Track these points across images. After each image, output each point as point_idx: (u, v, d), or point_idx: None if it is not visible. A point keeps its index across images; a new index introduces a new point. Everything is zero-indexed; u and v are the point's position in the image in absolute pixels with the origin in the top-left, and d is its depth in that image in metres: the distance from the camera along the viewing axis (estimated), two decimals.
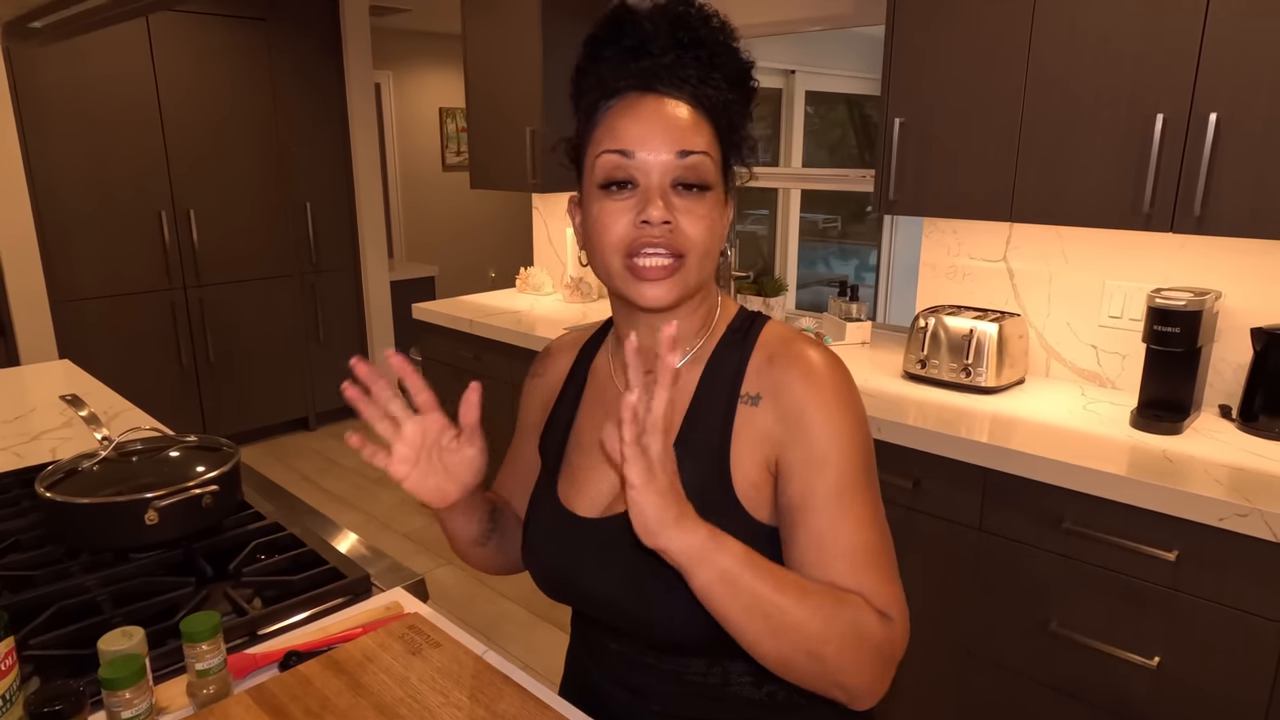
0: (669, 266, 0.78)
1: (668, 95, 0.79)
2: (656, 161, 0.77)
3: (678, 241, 0.78)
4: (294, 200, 4.22)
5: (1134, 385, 1.99)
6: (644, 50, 0.80)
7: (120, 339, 3.76)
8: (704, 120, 0.80)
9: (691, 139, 0.78)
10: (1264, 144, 1.51)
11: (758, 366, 0.84)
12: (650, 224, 0.76)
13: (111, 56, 3.54)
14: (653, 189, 0.77)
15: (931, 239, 2.36)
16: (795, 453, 0.78)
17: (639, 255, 0.78)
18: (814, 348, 0.83)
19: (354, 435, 0.78)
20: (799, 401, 0.79)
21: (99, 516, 1.16)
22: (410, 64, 5.94)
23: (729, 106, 0.82)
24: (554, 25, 2.85)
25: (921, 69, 1.95)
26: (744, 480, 0.80)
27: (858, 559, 0.75)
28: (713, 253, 0.81)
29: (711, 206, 0.79)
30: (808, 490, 0.77)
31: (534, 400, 1.03)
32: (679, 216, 0.77)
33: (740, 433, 0.81)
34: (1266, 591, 1.39)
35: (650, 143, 0.77)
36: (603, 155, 0.78)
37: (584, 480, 0.90)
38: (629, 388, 0.67)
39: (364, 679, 0.89)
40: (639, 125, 0.78)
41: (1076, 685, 1.64)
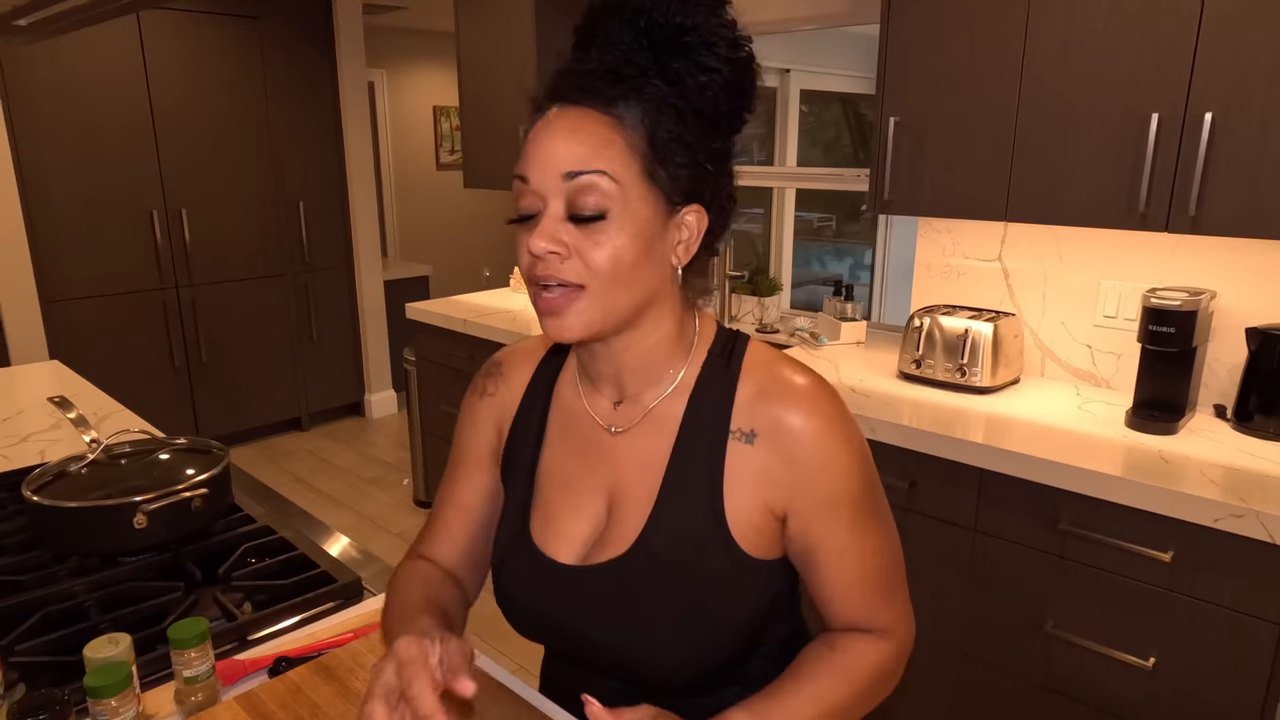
0: (562, 298, 0.71)
1: (581, 104, 0.72)
2: (546, 187, 0.71)
3: (569, 272, 0.71)
4: (286, 199, 4.20)
5: (1129, 385, 1.99)
6: (603, 42, 0.74)
7: (111, 339, 3.74)
8: (617, 129, 0.71)
9: (585, 157, 0.70)
10: (1259, 144, 1.51)
11: (747, 400, 0.78)
12: (534, 255, 0.71)
13: (102, 55, 3.51)
14: (544, 217, 0.71)
15: (926, 238, 2.35)
16: (805, 499, 0.77)
17: (539, 286, 0.73)
18: (802, 375, 0.79)
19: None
20: (804, 445, 0.76)
21: (87, 520, 1.15)
22: (404, 62, 5.91)
23: (676, 104, 0.72)
24: (547, 23, 2.84)
25: (916, 68, 1.95)
26: (742, 521, 0.77)
27: (873, 594, 0.82)
28: (631, 278, 0.72)
29: (616, 229, 0.70)
30: (823, 534, 0.78)
31: (485, 423, 0.92)
32: (575, 243, 0.71)
33: (734, 470, 0.77)
34: (1262, 592, 1.39)
35: (540, 166, 0.71)
36: (514, 180, 0.74)
37: (558, 519, 0.84)
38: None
39: (355, 685, 0.88)
40: (535, 145, 0.72)
41: (1072, 686, 1.64)
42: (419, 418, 3.38)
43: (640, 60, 0.72)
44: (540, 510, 0.86)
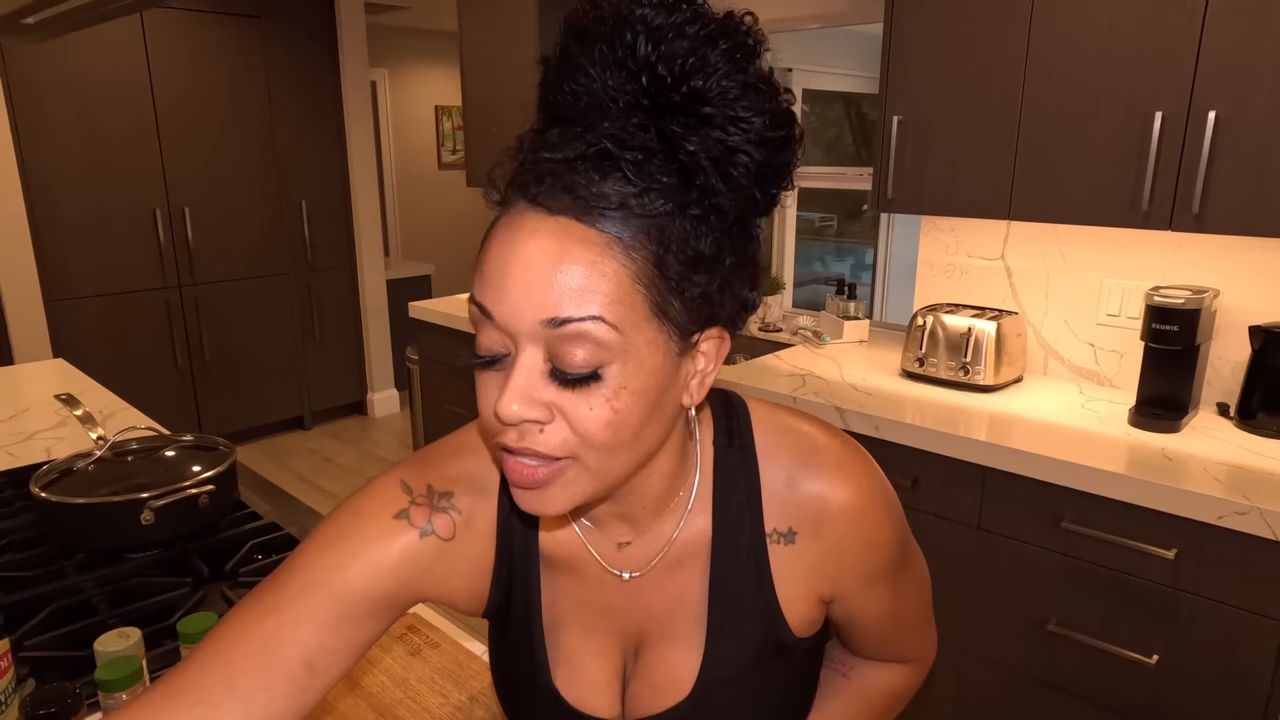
0: (544, 472, 0.53)
1: (560, 214, 0.50)
2: (519, 329, 0.51)
3: (552, 444, 0.52)
4: (289, 198, 4.21)
5: (1132, 383, 1.99)
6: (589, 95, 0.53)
7: (115, 338, 3.75)
8: (620, 253, 0.50)
9: (572, 297, 0.49)
10: (1262, 142, 1.51)
11: (777, 494, 0.66)
12: (504, 422, 0.52)
13: (105, 53, 3.52)
14: (516, 369, 0.51)
15: (929, 237, 2.36)
16: (849, 580, 0.70)
17: (509, 451, 0.54)
18: (823, 434, 0.68)
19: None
20: (845, 529, 0.67)
21: (94, 516, 1.15)
22: (406, 62, 5.92)
23: (694, 209, 0.52)
24: (551, 22, 2.84)
25: (920, 67, 1.95)
26: (800, 620, 0.70)
27: (905, 637, 0.80)
28: (630, 442, 0.54)
29: (615, 388, 0.52)
30: (865, 605, 0.73)
31: (419, 569, 0.65)
32: (561, 405, 0.52)
33: (781, 576, 0.68)
34: (1265, 589, 1.39)
35: (509, 300, 0.50)
36: (470, 304, 0.54)
37: (580, 666, 0.71)
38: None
39: (363, 680, 0.88)
40: (500, 270, 0.51)
41: (1075, 683, 1.64)
42: (421, 417, 3.38)
43: (640, 138, 0.51)
44: (560, 660, 0.71)
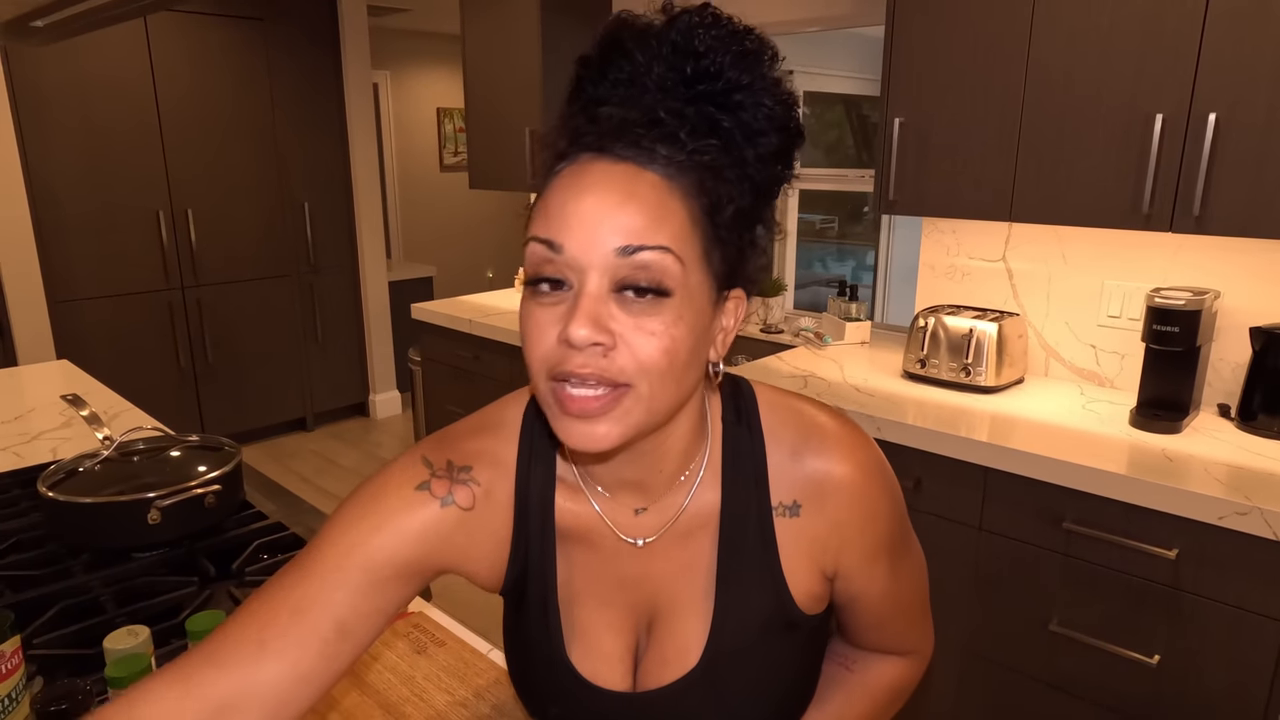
0: (603, 399, 0.57)
1: (627, 160, 0.57)
2: (591, 260, 0.56)
3: (615, 368, 0.56)
4: (292, 200, 4.22)
5: (1133, 384, 1.99)
6: (632, 84, 0.60)
7: (118, 339, 3.76)
8: (679, 195, 0.58)
9: (646, 228, 0.56)
10: (1263, 143, 1.52)
11: (782, 467, 0.70)
12: (573, 345, 0.56)
13: (109, 56, 3.53)
14: (584, 295, 0.56)
15: (931, 239, 2.36)
16: (851, 555, 0.73)
17: (566, 381, 0.57)
18: (825, 416, 0.72)
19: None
20: (847, 503, 0.70)
21: (102, 516, 1.16)
22: (408, 64, 5.93)
23: (728, 173, 0.60)
24: (553, 25, 2.86)
25: (921, 69, 1.96)
26: (805, 595, 0.73)
27: (905, 623, 0.82)
28: (677, 376, 0.59)
29: (674, 317, 0.57)
30: (866, 584, 0.75)
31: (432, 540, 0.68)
32: (623, 333, 0.56)
33: (787, 548, 0.71)
34: (1267, 589, 1.40)
35: (583, 233, 0.56)
36: (529, 243, 0.59)
37: (594, 639, 0.73)
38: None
39: (369, 677, 0.89)
40: (574, 205, 0.57)
41: (1077, 683, 1.65)
42: (424, 418, 3.39)
43: (687, 110, 0.59)
44: (575, 635, 0.74)
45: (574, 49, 0.66)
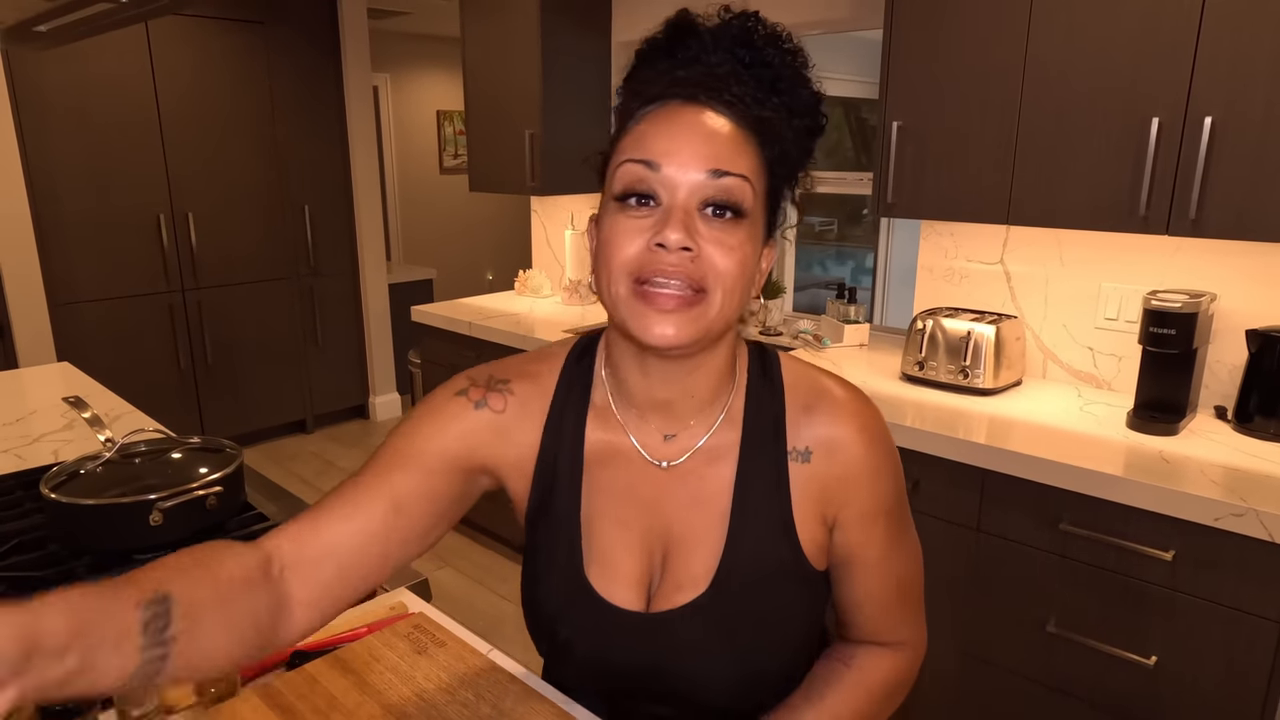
0: (685, 299, 0.66)
1: (712, 107, 0.68)
2: (685, 179, 0.66)
3: (699, 273, 0.66)
4: (292, 203, 4.23)
5: (1130, 387, 2.00)
6: (698, 61, 0.70)
7: (118, 341, 3.76)
8: (751, 142, 0.69)
9: (731, 159, 0.67)
10: (1259, 147, 1.53)
11: (797, 419, 0.78)
12: (667, 248, 0.65)
13: (110, 59, 3.54)
14: (676, 208, 0.66)
15: (929, 241, 2.37)
16: (852, 508, 0.79)
17: (650, 282, 0.66)
18: (841, 386, 0.80)
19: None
20: (853, 457, 0.77)
21: (104, 517, 1.16)
22: (408, 67, 5.95)
23: (784, 135, 0.72)
24: (553, 28, 2.86)
25: (920, 73, 1.97)
26: (809, 540, 0.78)
27: (900, 606, 0.85)
28: (741, 292, 0.69)
29: (745, 238, 0.68)
30: (863, 542, 0.80)
31: (468, 431, 0.79)
32: (704, 244, 0.66)
33: (796, 491, 0.77)
34: (1262, 590, 1.40)
35: (680, 156, 0.66)
36: (624, 164, 0.68)
37: (612, 560, 0.79)
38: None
39: (370, 678, 0.89)
40: (670, 136, 0.67)
41: (1074, 684, 1.65)
42: None
43: (749, 82, 0.70)
44: (594, 556, 0.79)
45: (573, 53, 0.79)
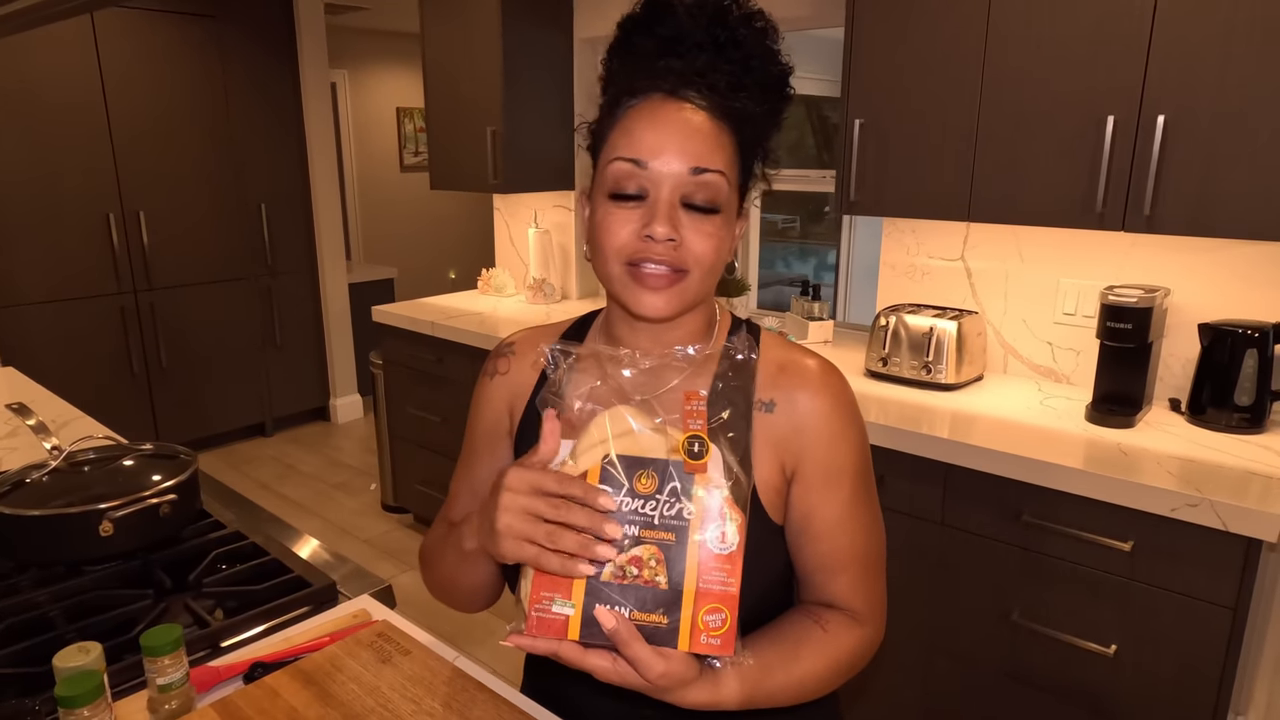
0: (670, 278, 0.77)
1: (691, 103, 0.77)
2: (669, 174, 0.75)
3: (681, 258, 0.77)
4: (248, 202, 4.13)
5: (1088, 380, 2.04)
6: (677, 44, 0.77)
7: (67, 345, 3.64)
8: (726, 133, 0.78)
9: (708, 155, 0.76)
10: (1208, 145, 1.56)
11: (768, 374, 0.85)
12: (654, 239, 0.75)
13: (53, 53, 3.43)
14: (661, 203, 0.76)
15: (891, 239, 2.39)
16: (811, 464, 0.83)
17: (640, 264, 0.77)
18: (816, 357, 0.87)
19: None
20: (815, 417, 0.83)
21: (50, 529, 1.12)
22: (366, 63, 5.85)
23: (756, 118, 0.80)
24: (514, 25, 2.83)
25: (881, 71, 1.98)
26: (765, 485, 0.83)
27: (858, 574, 0.86)
28: (717, 269, 0.80)
29: (721, 223, 0.78)
30: (822, 501, 0.84)
31: (498, 403, 0.96)
32: (685, 233, 0.76)
33: (758, 437, 0.83)
34: (1216, 578, 1.44)
35: (665, 155, 0.75)
36: (615, 162, 0.77)
37: None
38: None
39: (333, 689, 0.87)
40: (655, 134, 0.76)
41: (1038, 674, 1.68)
42: (386, 422, 3.34)
43: (724, 70, 0.77)
44: None
45: (535, 49, 0.83)
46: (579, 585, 0.65)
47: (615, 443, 0.67)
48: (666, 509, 0.66)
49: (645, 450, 0.67)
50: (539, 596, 0.65)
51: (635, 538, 0.65)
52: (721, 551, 0.66)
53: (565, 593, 0.65)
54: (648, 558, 0.65)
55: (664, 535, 0.65)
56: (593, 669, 0.67)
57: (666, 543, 0.65)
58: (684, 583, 0.65)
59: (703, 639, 0.65)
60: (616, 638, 0.65)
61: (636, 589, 0.65)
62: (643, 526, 0.65)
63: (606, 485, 0.66)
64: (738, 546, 0.66)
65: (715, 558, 0.65)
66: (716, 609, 0.65)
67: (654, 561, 0.65)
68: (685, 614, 0.65)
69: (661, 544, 0.65)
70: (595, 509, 0.66)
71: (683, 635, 0.65)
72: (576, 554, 0.65)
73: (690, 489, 0.66)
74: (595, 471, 0.67)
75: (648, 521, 0.66)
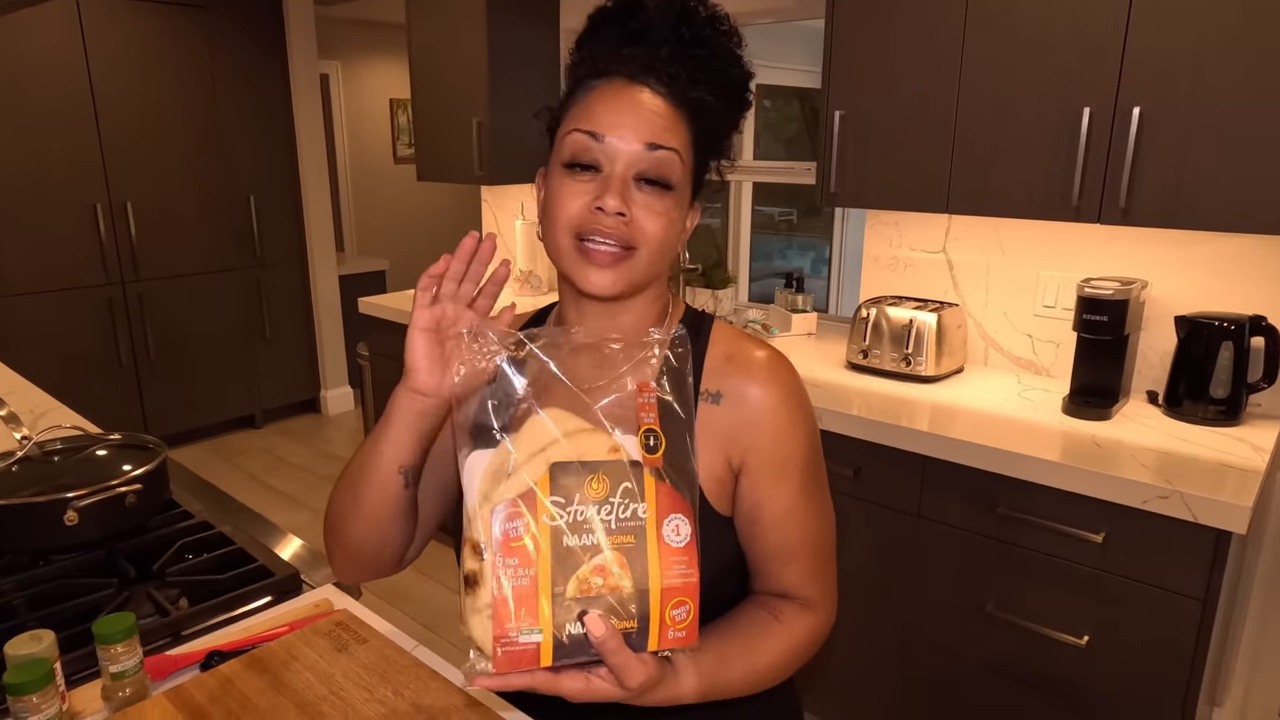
0: (617, 254, 0.77)
1: (651, 88, 0.78)
2: (624, 149, 0.76)
3: (630, 234, 0.77)
4: (237, 192, 4.12)
5: (1067, 372, 2.03)
6: (642, 35, 0.79)
7: (54, 336, 3.64)
8: (682, 120, 0.79)
9: (664, 134, 0.77)
10: (1182, 138, 1.56)
11: (716, 365, 0.85)
12: (604, 212, 0.76)
13: (38, 42, 3.41)
14: (614, 177, 0.76)
15: (875, 231, 2.39)
16: (759, 457, 0.83)
17: (589, 239, 0.77)
18: (764, 349, 0.86)
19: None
20: (762, 409, 0.83)
21: (15, 518, 1.12)
22: (359, 54, 5.83)
23: (714, 113, 0.81)
24: (500, 16, 2.82)
25: (860, 63, 1.97)
26: (708, 476, 0.83)
27: (808, 564, 0.86)
28: (666, 251, 0.80)
29: (672, 204, 0.79)
30: (770, 493, 0.84)
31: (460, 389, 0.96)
32: (636, 210, 0.77)
33: (702, 428, 0.83)
34: (1186, 570, 1.44)
35: (621, 130, 0.76)
36: (573, 133, 0.78)
37: None
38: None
39: (287, 677, 0.87)
40: (614, 111, 0.77)
41: (1012, 665, 1.68)
42: (374, 414, 3.34)
43: (685, 63, 0.79)
44: None
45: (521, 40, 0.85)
46: (544, 608, 0.62)
47: (557, 447, 0.65)
48: (622, 511, 0.64)
49: (587, 452, 0.65)
50: (503, 630, 0.62)
51: (595, 546, 0.63)
52: (679, 544, 0.65)
53: (532, 619, 0.62)
54: (611, 564, 0.63)
55: (624, 539, 0.64)
56: (567, 693, 0.65)
57: (628, 545, 0.64)
58: (649, 583, 0.64)
59: (670, 634, 0.65)
60: (605, 647, 0.63)
61: (604, 599, 0.63)
62: (602, 533, 0.63)
63: (558, 496, 0.63)
64: (692, 536, 0.66)
65: (674, 552, 0.65)
66: (682, 602, 0.65)
67: (617, 568, 0.63)
68: (654, 614, 0.64)
69: (623, 547, 0.64)
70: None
71: (652, 635, 0.64)
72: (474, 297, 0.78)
73: (642, 487, 0.65)
74: (545, 481, 0.64)
75: (606, 527, 0.64)
